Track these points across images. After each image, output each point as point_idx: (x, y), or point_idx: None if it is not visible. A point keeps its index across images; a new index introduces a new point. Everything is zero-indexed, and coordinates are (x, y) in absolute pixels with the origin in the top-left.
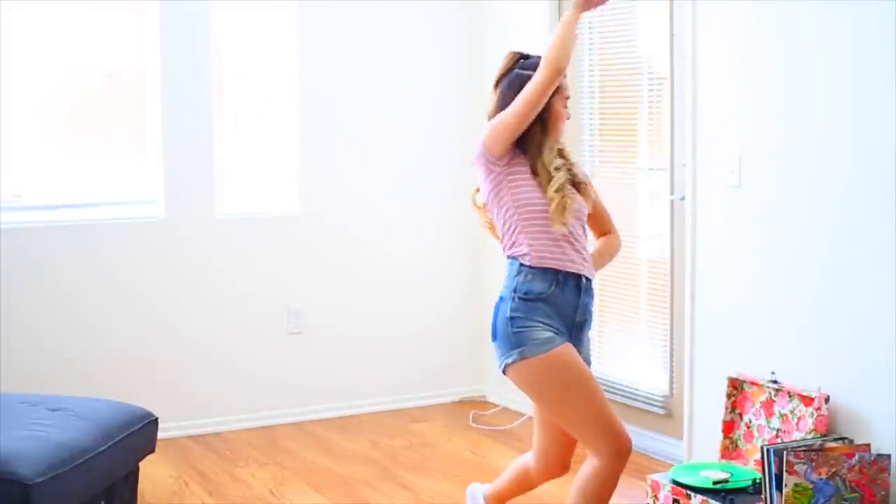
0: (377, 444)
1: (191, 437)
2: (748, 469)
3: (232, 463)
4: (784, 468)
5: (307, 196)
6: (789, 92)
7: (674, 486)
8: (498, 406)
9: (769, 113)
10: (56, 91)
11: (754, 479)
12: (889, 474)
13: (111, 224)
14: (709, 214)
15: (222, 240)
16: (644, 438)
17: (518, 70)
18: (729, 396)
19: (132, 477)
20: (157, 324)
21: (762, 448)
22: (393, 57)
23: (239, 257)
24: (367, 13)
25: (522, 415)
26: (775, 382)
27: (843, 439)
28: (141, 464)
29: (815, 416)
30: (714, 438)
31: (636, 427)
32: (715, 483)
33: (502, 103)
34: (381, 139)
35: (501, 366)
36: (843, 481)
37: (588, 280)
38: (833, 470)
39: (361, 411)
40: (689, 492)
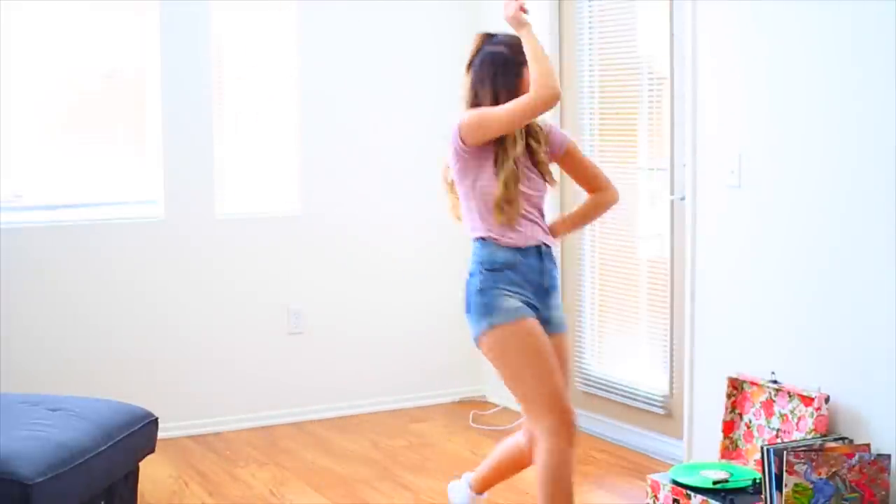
0: (377, 444)
1: (191, 437)
2: (748, 469)
3: (232, 463)
4: (784, 468)
5: (307, 196)
6: (789, 92)
7: (674, 486)
8: (498, 406)
9: (769, 113)
10: (56, 91)
11: (754, 479)
12: (889, 474)
13: (111, 224)
14: (709, 214)
15: (222, 240)
16: (644, 438)
17: (488, 48)
18: (729, 396)
19: (132, 477)
20: (157, 324)
21: (762, 448)
22: (393, 57)
23: (239, 257)
24: (367, 13)
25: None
26: (775, 382)
27: (843, 439)
28: (141, 464)
29: (815, 416)
30: (714, 438)
31: (636, 427)
32: (715, 483)
33: (476, 82)
34: (381, 139)
35: (475, 337)
36: (843, 481)
37: (548, 246)
38: (833, 470)
39: (361, 411)
40: (689, 492)
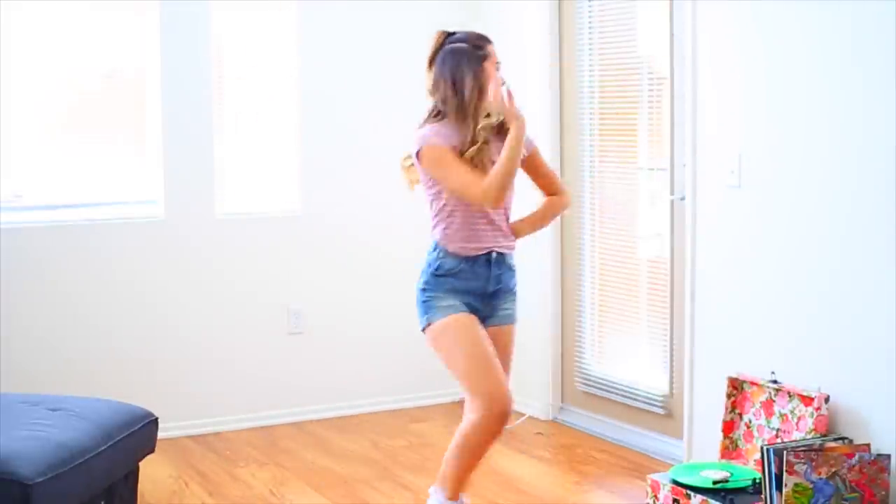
0: (377, 444)
1: (191, 437)
2: (748, 469)
3: (232, 463)
4: (784, 468)
5: (307, 196)
6: (789, 92)
7: (674, 486)
8: None
9: (769, 113)
10: (56, 91)
11: (754, 479)
12: (889, 474)
13: (111, 224)
14: (709, 214)
15: (222, 240)
16: (644, 438)
17: (449, 45)
18: (729, 396)
19: (132, 477)
20: (157, 324)
21: (762, 448)
22: (393, 57)
23: (239, 257)
24: (367, 13)
25: (522, 415)
26: (775, 382)
27: (843, 439)
28: (141, 464)
29: (815, 416)
30: (714, 438)
31: (636, 427)
32: (715, 483)
33: (438, 77)
34: (381, 139)
35: (421, 329)
36: (843, 481)
37: (499, 254)
38: (833, 470)
39: (361, 411)
40: (689, 492)
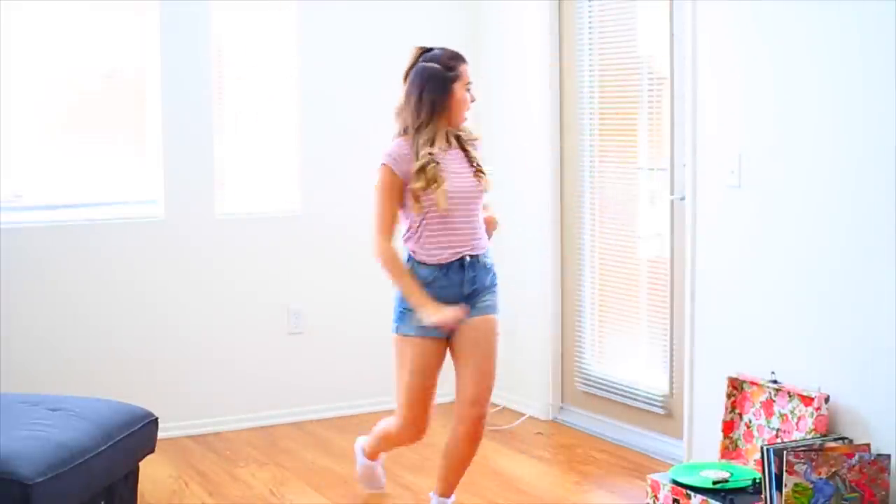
0: None
1: (191, 437)
2: (748, 469)
3: (232, 463)
4: (784, 468)
5: (307, 196)
6: (789, 92)
7: (674, 486)
8: (498, 406)
9: (769, 113)
10: (56, 91)
11: (754, 479)
12: (889, 474)
13: (111, 224)
14: (709, 214)
15: (222, 240)
16: (644, 438)
17: (421, 63)
18: (729, 396)
19: (132, 477)
20: (157, 324)
21: (762, 448)
22: (393, 57)
23: (239, 257)
24: (367, 13)
25: (522, 415)
26: (775, 382)
27: (843, 439)
28: (141, 464)
29: (815, 416)
30: (714, 438)
31: (636, 427)
32: (715, 483)
33: (409, 93)
34: (382, 139)
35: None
36: (843, 481)
37: (472, 256)
38: (833, 470)
39: (361, 411)
40: (689, 492)
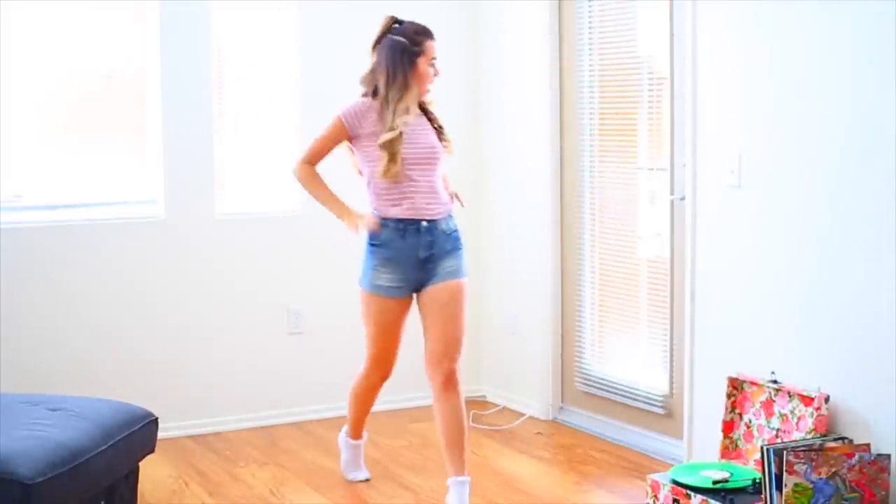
0: (377, 444)
1: (191, 437)
2: (748, 469)
3: (232, 463)
4: (784, 468)
5: (307, 196)
6: (789, 92)
7: (674, 486)
8: (498, 406)
9: (769, 113)
10: (56, 91)
11: (754, 479)
12: (889, 474)
13: (111, 224)
14: (709, 214)
15: (222, 240)
16: (644, 438)
17: (390, 35)
18: (729, 396)
19: (132, 477)
20: (157, 324)
21: (762, 448)
22: None
23: (239, 257)
24: (367, 13)
25: (522, 415)
26: (775, 382)
27: (843, 439)
28: (141, 464)
29: (815, 416)
30: (714, 438)
31: (636, 427)
32: (715, 483)
33: (376, 63)
34: None
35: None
36: (843, 481)
37: (429, 221)
38: (833, 470)
39: None
40: (689, 492)
